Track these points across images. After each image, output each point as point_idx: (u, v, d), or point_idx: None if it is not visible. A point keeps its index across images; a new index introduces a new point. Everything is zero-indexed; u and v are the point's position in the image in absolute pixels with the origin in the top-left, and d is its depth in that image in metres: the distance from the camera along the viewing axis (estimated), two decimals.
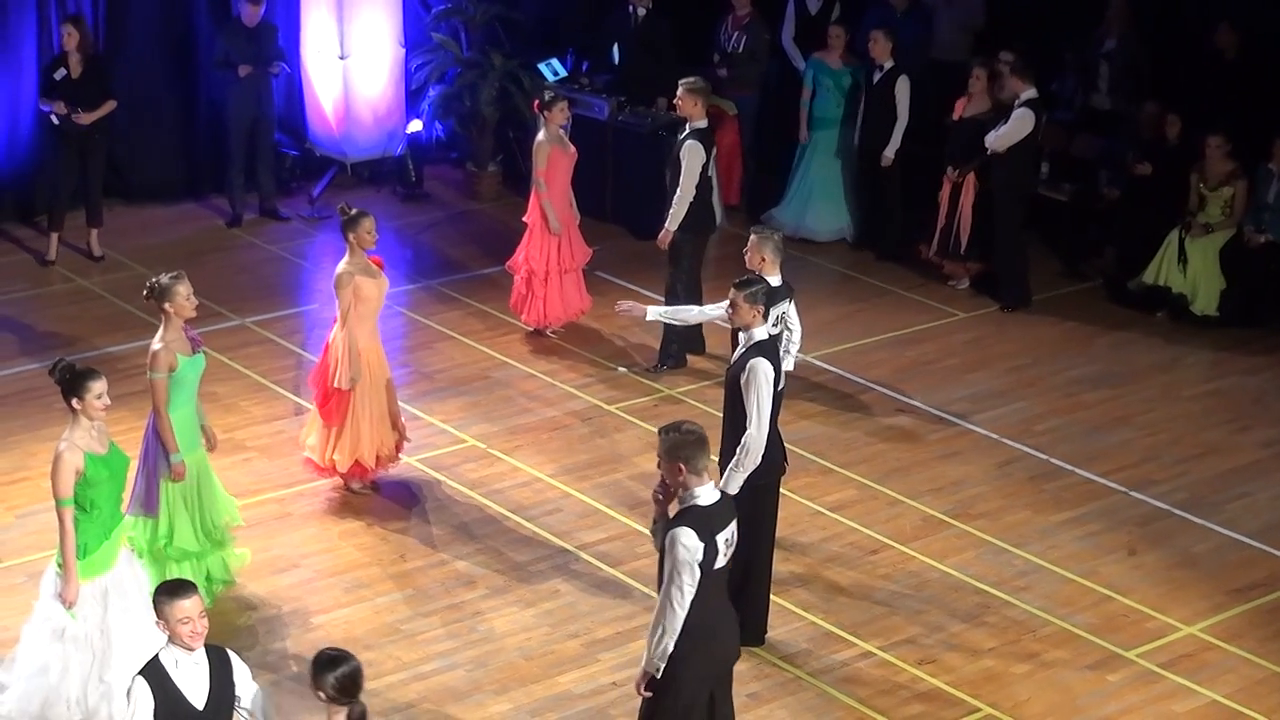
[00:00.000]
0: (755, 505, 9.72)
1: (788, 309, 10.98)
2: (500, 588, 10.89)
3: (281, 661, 10.06)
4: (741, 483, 9.71)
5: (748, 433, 9.68)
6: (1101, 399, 13.78)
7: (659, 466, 8.23)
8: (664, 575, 8.06)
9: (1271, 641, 10.53)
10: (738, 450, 9.75)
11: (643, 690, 8.27)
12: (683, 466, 8.02)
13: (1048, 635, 10.55)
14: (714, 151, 13.82)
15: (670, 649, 8.07)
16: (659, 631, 8.07)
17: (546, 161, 14.07)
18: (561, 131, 14.30)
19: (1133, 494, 12.29)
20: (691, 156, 13.51)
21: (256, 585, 10.80)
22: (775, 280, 10.81)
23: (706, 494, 8.07)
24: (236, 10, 16.93)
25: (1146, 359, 14.59)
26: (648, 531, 11.37)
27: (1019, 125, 15.08)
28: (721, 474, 10.06)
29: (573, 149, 14.40)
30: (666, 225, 13.64)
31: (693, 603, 8.00)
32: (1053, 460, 12.74)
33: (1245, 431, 13.32)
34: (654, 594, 10.75)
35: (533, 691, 9.80)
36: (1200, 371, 14.43)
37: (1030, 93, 15.13)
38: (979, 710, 9.81)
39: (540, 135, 14.20)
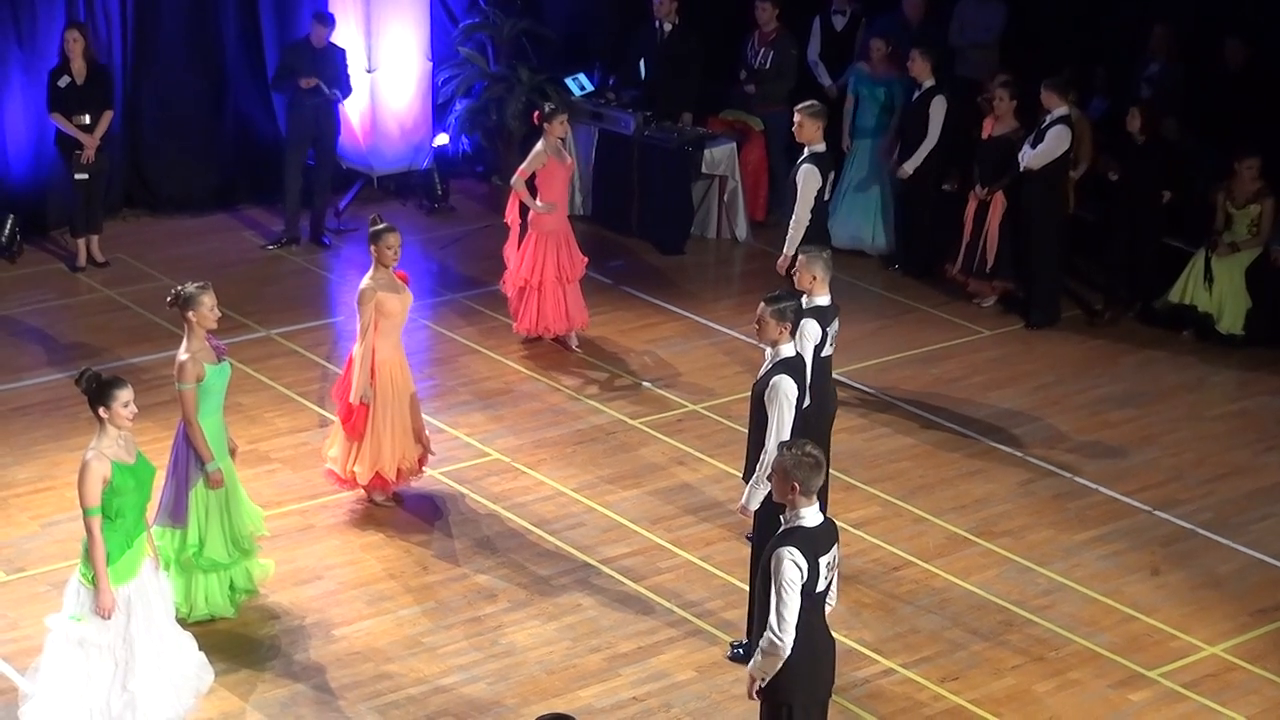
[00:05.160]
0: (775, 522, 9.71)
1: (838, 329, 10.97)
2: (522, 601, 10.89)
3: (303, 672, 10.06)
4: (762, 498, 9.70)
5: (765, 448, 9.66)
6: (1126, 418, 13.75)
7: (769, 479, 8.17)
8: (767, 593, 8.00)
9: None
10: (758, 466, 9.74)
11: (753, 694, 8.26)
12: (796, 486, 7.97)
13: (1070, 654, 10.52)
14: (831, 175, 13.63)
15: (776, 668, 8.03)
16: (769, 652, 7.99)
17: (540, 170, 14.21)
18: (560, 143, 14.36)
19: (1157, 513, 12.26)
20: (807, 181, 13.27)
21: (279, 596, 10.82)
22: (825, 300, 10.79)
23: (812, 516, 8.04)
24: (305, 30, 16.98)
25: (1172, 378, 14.55)
26: (669, 546, 11.40)
27: (1056, 142, 15.03)
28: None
29: (569, 160, 14.55)
30: (784, 250, 13.43)
31: (799, 627, 7.96)
32: (1077, 479, 12.71)
33: (1271, 451, 13.27)
34: (676, 609, 10.80)
35: (554, 705, 9.77)
36: (1226, 391, 14.39)
37: (1063, 109, 15.09)
38: None
39: (539, 145, 14.28)
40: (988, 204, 15.59)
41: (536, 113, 14.62)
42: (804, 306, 10.69)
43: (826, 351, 10.83)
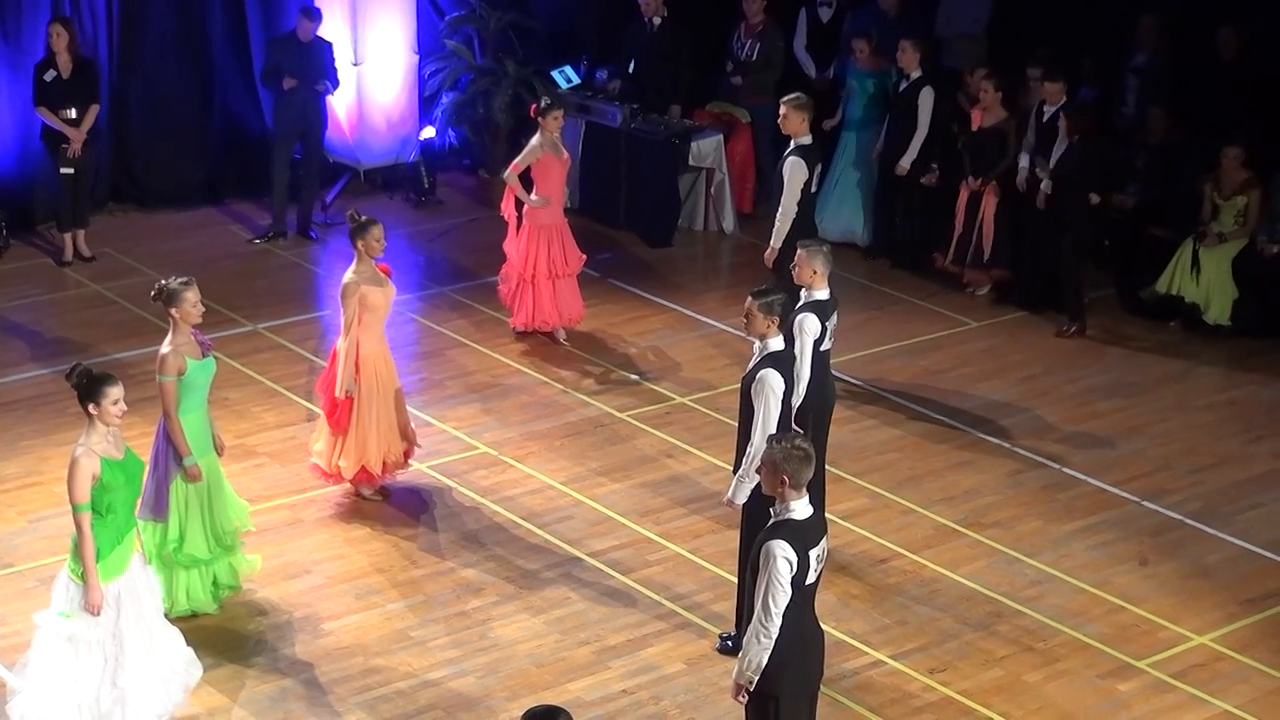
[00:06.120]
0: (765, 515, 9.71)
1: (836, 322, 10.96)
2: (510, 595, 10.88)
3: (291, 667, 10.05)
4: (749, 491, 9.70)
5: (751, 442, 9.66)
6: (1114, 408, 13.76)
7: (758, 471, 8.19)
8: (756, 587, 8.02)
9: None
10: (744, 460, 9.74)
11: (740, 698, 8.23)
12: (785, 479, 7.96)
13: (1059, 645, 10.52)
14: (818, 167, 13.62)
15: (764, 662, 8.01)
16: (754, 644, 8.01)
17: (535, 164, 14.20)
18: (556, 138, 14.33)
19: (1146, 504, 12.26)
20: (794, 173, 13.22)
21: (267, 591, 10.80)
22: (824, 294, 10.76)
23: (801, 509, 8.02)
24: (292, 25, 16.96)
25: (1160, 369, 14.56)
26: (658, 539, 11.40)
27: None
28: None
29: (566, 155, 14.52)
30: (771, 242, 13.40)
31: (788, 619, 7.98)
32: (1065, 470, 12.72)
33: (1259, 441, 13.28)
34: (665, 601, 10.79)
35: (543, 699, 9.74)
36: (1214, 381, 14.40)
37: (1063, 98, 15.08)
38: (990, 719, 9.79)
39: (535, 139, 14.25)
40: (979, 195, 15.59)
41: (534, 106, 14.60)
42: (803, 300, 10.70)
43: (826, 346, 10.81)
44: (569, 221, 14.68)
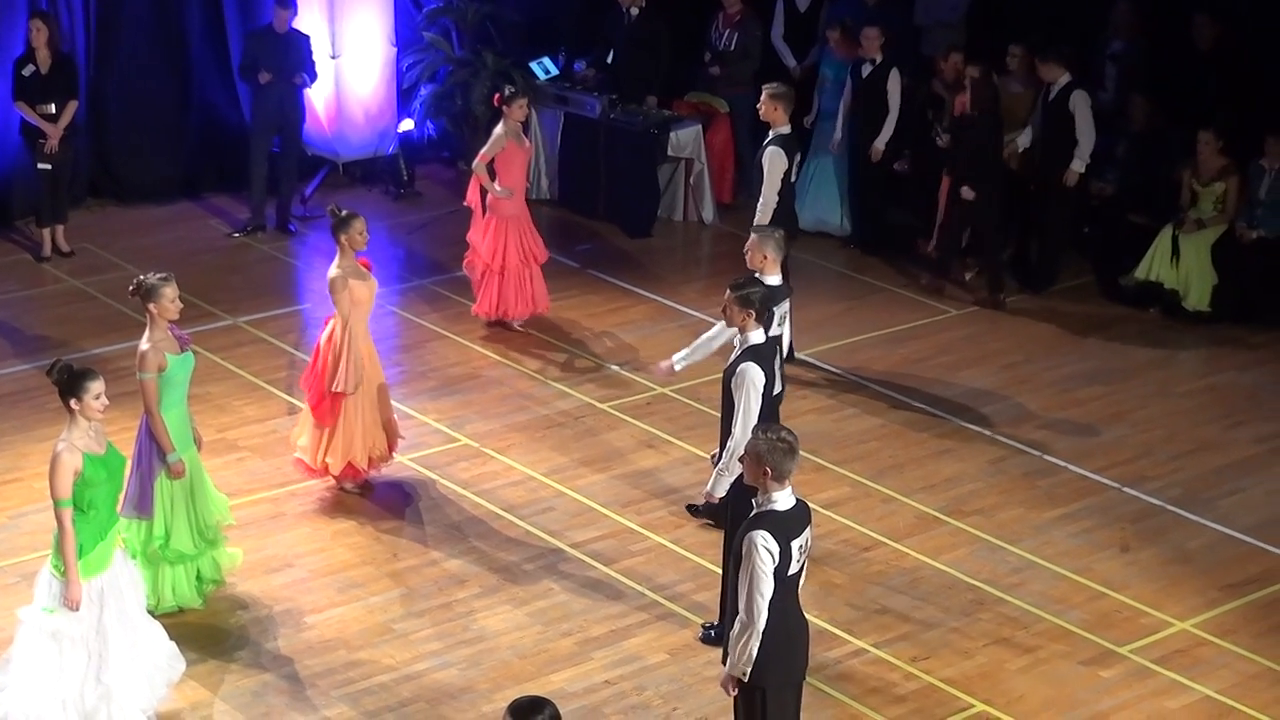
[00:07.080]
0: (748, 506, 9.71)
1: (787, 309, 10.95)
2: (493, 587, 10.88)
3: (273, 661, 10.03)
4: (728, 486, 9.70)
5: (732, 436, 9.66)
6: (1095, 395, 13.78)
7: (741, 461, 8.21)
8: (739, 579, 8.01)
9: (1265, 637, 10.53)
10: (724, 454, 9.74)
11: (731, 691, 8.23)
12: (768, 470, 7.96)
13: (1041, 631, 10.54)
14: (797, 156, 13.65)
15: (755, 654, 8.01)
16: (743, 636, 7.99)
17: (500, 153, 14.21)
18: (520, 127, 14.35)
19: (1126, 490, 12.29)
20: (774, 163, 13.27)
21: (249, 585, 10.79)
22: (775, 279, 10.78)
23: (784, 500, 8.03)
24: (269, 18, 16.93)
25: (1139, 355, 14.59)
26: (640, 529, 11.40)
27: (1087, 110, 15.04)
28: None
29: (528, 144, 14.59)
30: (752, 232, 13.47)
31: (773, 610, 7.96)
32: (1046, 457, 12.73)
33: (1239, 427, 13.31)
34: (647, 592, 10.79)
35: (526, 690, 9.73)
36: (1193, 367, 14.43)
37: (1067, 77, 15.10)
38: (973, 707, 9.80)
39: (499, 128, 14.27)
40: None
41: (497, 95, 14.63)
42: None
43: (774, 331, 10.78)
44: (541, 211, 14.68)
